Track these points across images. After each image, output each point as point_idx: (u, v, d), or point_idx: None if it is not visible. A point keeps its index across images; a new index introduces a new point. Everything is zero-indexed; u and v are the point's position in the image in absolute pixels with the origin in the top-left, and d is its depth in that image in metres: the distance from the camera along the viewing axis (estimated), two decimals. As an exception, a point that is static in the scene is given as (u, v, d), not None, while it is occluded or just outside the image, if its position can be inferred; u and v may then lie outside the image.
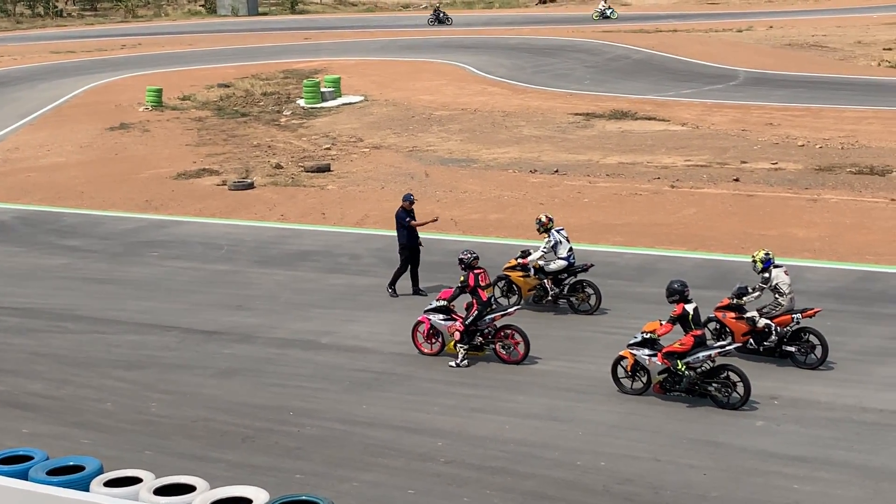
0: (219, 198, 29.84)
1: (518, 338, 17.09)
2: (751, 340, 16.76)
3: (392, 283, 20.76)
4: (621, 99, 40.50)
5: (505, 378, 16.55)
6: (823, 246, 22.87)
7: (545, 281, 19.46)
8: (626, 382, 15.83)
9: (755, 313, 16.76)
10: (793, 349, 16.54)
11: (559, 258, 19.47)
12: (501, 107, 40.35)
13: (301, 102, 43.42)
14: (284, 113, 41.88)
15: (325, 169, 32.33)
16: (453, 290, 17.55)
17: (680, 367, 15.18)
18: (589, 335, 18.25)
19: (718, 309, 17.05)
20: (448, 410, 15.39)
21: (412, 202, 21.20)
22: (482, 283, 17.20)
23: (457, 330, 17.15)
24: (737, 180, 28.53)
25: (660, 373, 15.52)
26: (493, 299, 17.41)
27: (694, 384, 15.25)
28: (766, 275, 16.79)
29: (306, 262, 23.55)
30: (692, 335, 15.33)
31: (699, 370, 15.25)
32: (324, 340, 18.53)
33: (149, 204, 29.39)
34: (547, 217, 19.88)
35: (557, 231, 19.68)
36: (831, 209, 25.59)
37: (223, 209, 28.66)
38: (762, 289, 16.80)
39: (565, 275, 19.51)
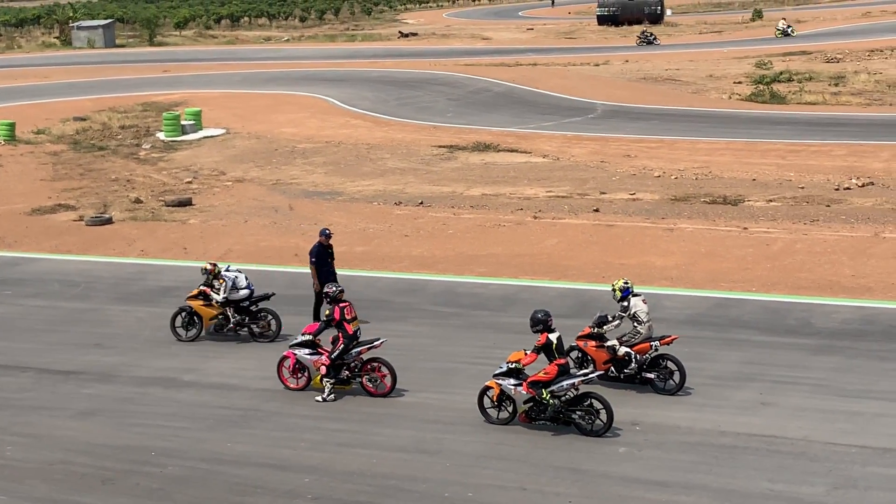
0: (75, 233, 29.09)
1: (385, 370, 17.08)
2: (612, 368, 17.09)
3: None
4: (484, 131, 41.01)
5: (372, 411, 16.51)
6: (680, 274, 23.49)
7: (227, 310, 19.89)
8: (493, 412, 15.94)
9: (615, 342, 17.11)
10: (652, 376, 16.93)
11: (241, 289, 19.95)
12: (365, 139, 40.43)
13: (161, 135, 42.72)
14: (143, 146, 41.13)
15: (187, 203, 31.85)
16: (319, 323, 17.46)
17: (545, 395, 15.38)
18: (455, 366, 18.35)
19: (580, 338, 17.36)
20: (315, 446, 15.27)
21: (329, 236, 20.63)
22: (348, 317, 17.15)
23: (323, 364, 17.05)
24: (597, 210, 29.11)
25: (525, 402, 15.67)
26: (359, 333, 17.38)
27: (559, 412, 15.45)
28: (625, 303, 17.17)
29: (168, 297, 23.09)
30: (556, 364, 15.55)
31: (563, 398, 15.47)
32: (187, 378, 18.19)
33: (1, 241, 28.47)
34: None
35: (227, 271, 20.10)
36: (687, 238, 26.32)
37: (80, 245, 27.96)
38: (621, 317, 17.16)
39: (247, 303, 20.01)
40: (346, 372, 17.20)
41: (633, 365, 16.93)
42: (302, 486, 14.01)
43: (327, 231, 20.82)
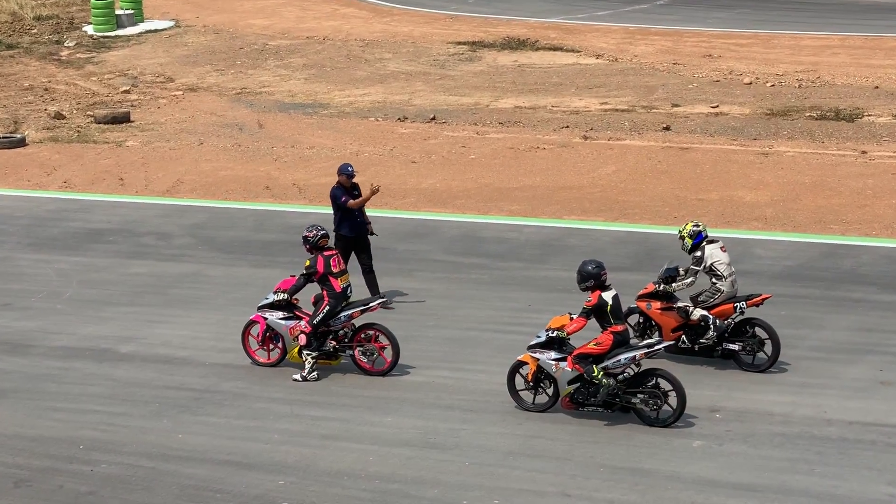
0: (-23, 159, 29.22)
1: (384, 341, 17.13)
2: (683, 337, 17.12)
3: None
4: (518, 23, 40.81)
5: (367, 394, 16.60)
6: (777, 213, 23.44)
7: None
8: (527, 396, 16.00)
9: (688, 303, 17.13)
10: (736, 347, 16.95)
11: None
12: (359, 34, 40.29)
13: (89, 29, 42.65)
14: (66, 44, 41.10)
15: (124, 119, 31.87)
16: (296, 278, 17.51)
17: (596, 373, 15.42)
18: (476, 335, 18.40)
19: (641, 297, 17.37)
20: (292, 438, 15.38)
21: (352, 175, 19.61)
22: (334, 269, 17.20)
23: (302, 332, 17.12)
24: (667, 129, 29.03)
25: (570, 382, 15.73)
26: (349, 290, 17.44)
27: (614, 395, 15.50)
28: (698, 253, 17.13)
29: (99, 244, 23.20)
30: (611, 332, 15.57)
31: (621, 377, 15.52)
32: (124, 349, 18.32)
33: None
34: None
35: None
36: (787, 165, 26.23)
37: (-17, 175, 28.10)
38: (695, 272, 17.14)
39: None
40: (333, 342, 17.25)
41: (710, 333, 16.96)
42: (275, 490, 14.12)
43: (350, 168, 19.69)
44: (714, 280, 17.11)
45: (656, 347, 15.73)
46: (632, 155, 27.33)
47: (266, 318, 17.46)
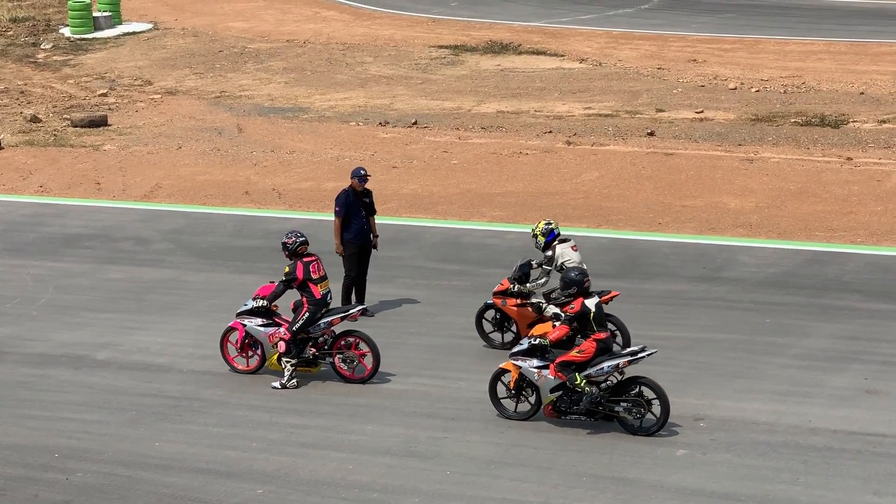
0: (-48, 163, 29.13)
1: (364, 348, 17.13)
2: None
3: (351, 299, 19.51)
4: (500, 27, 40.83)
5: (348, 402, 16.59)
6: (762, 219, 23.49)
7: None
8: (509, 404, 16.00)
9: (543, 300, 17.61)
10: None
11: None
12: (340, 37, 40.27)
13: (66, 32, 42.54)
14: (43, 46, 41.00)
15: (101, 123, 31.79)
16: (276, 285, 17.50)
17: (579, 381, 15.43)
18: (458, 342, 18.40)
19: (497, 294, 17.93)
20: (271, 447, 15.36)
21: (364, 179, 19.40)
22: (314, 276, 17.19)
23: (281, 339, 17.11)
24: (651, 134, 29.06)
25: (552, 390, 15.73)
26: (329, 297, 17.43)
27: (597, 404, 15.51)
28: (550, 252, 17.70)
29: (75, 249, 23.15)
30: (594, 339, 15.57)
31: (604, 385, 15.53)
32: (100, 356, 18.28)
33: None
34: None
35: None
36: (771, 171, 26.28)
37: (-42, 178, 28.01)
38: (547, 271, 17.62)
39: None
40: (313, 350, 17.24)
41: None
42: (253, 500, 14.10)
43: (362, 171, 19.52)
44: None
45: (640, 355, 15.74)
46: (616, 160, 27.35)
47: (245, 325, 17.45)
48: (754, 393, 16.50)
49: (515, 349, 16.01)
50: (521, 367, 15.82)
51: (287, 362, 17.05)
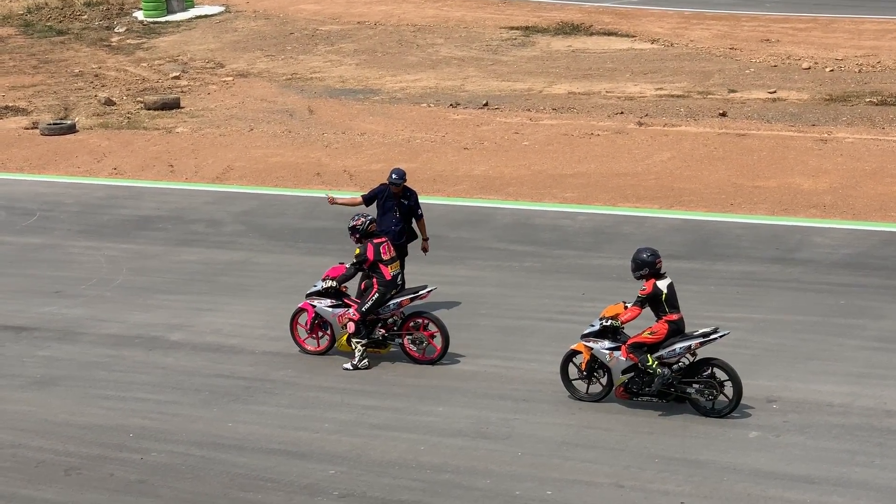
0: (28, 145, 29.39)
1: (433, 329, 17.13)
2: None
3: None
4: (572, 7, 40.67)
5: (418, 384, 16.61)
6: (836, 200, 23.27)
7: None
8: (581, 385, 15.97)
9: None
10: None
11: None
12: (411, 18, 40.27)
13: (139, 15, 42.86)
14: (117, 30, 41.33)
15: (173, 105, 32.00)
16: (346, 267, 17.53)
17: (651, 363, 15.37)
18: (529, 324, 18.37)
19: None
20: (342, 428, 15.41)
21: (396, 183, 18.35)
22: (384, 257, 17.20)
23: (350, 320, 17.14)
24: (723, 115, 28.87)
25: (624, 371, 15.69)
26: (400, 278, 17.44)
27: (669, 385, 15.45)
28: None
29: (148, 231, 23.33)
30: (666, 321, 15.51)
31: (676, 367, 15.46)
32: (174, 337, 18.41)
33: (-69, 155, 28.94)
34: None
35: None
36: (846, 152, 26.04)
37: (34, 161, 28.25)
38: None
39: None
40: (382, 330, 17.27)
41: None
42: (325, 480, 14.16)
43: (394, 175, 18.45)
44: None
45: (712, 337, 15.64)
46: (687, 141, 27.19)
47: (314, 306, 17.49)
48: (828, 375, 16.36)
49: (587, 330, 15.97)
50: (592, 349, 15.78)
51: (357, 343, 17.09)
